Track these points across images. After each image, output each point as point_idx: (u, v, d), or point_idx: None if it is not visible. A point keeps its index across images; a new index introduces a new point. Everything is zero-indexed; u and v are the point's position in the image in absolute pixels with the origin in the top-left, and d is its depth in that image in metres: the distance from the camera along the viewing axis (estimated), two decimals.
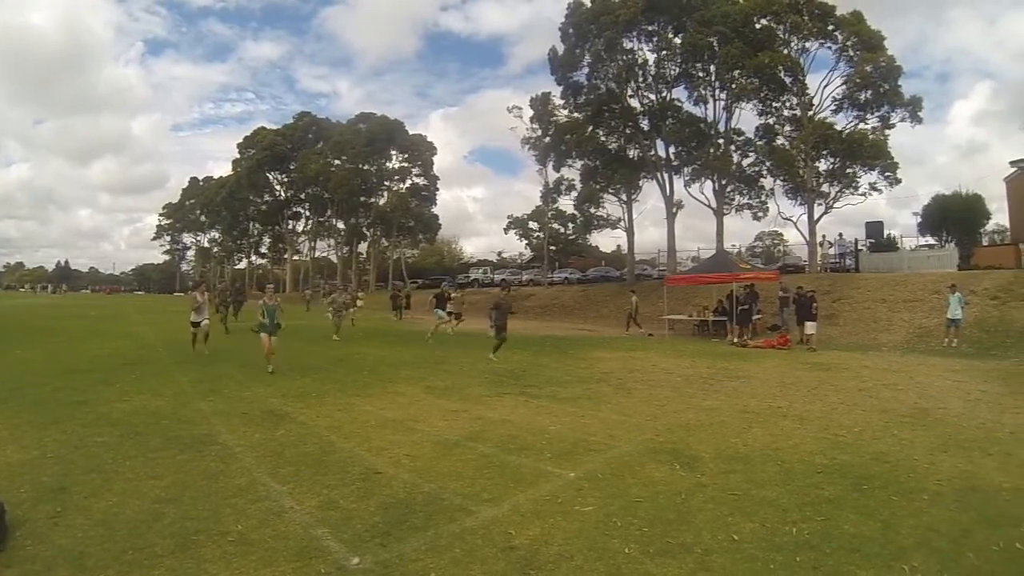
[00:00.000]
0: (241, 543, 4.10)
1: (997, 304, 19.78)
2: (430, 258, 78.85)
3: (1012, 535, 4.27)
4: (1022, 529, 4.39)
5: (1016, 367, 13.58)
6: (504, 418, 8.20)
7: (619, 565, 3.82)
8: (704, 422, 7.99)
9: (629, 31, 34.93)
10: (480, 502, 4.92)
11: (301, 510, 4.72)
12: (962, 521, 4.57)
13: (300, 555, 3.94)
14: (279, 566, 3.81)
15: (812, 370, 13.04)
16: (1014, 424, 7.94)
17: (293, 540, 4.16)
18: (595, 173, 39.56)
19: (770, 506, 4.85)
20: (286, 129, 70.39)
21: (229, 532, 4.27)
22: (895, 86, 31.42)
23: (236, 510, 4.69)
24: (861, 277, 27.28)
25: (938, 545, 4.15)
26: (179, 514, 4.59)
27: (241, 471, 5.67)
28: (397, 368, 13.22)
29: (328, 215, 68.47)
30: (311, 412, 8.35)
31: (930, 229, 41.51)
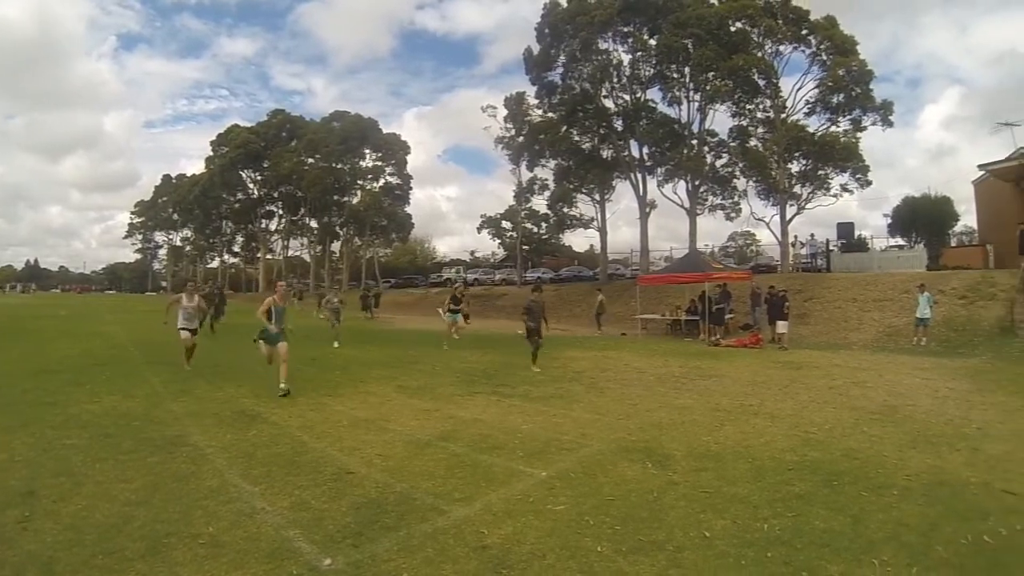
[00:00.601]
0: (212, 545, 4.03)
1: (965, 303, 20.11)
2: (403, 257, 78.61)
3: (980, 528, 4.33)
4: (989, 522, 4.45)
5: (983, 365, 13.79)
6: (476, 417, 8.17)
7: (591, 563, 3.80)
8: (676, 421, 7.99)
9: (604, 32, 35.04)
10: (452, 501, 4.88)
11: (273, 511, 4.65)
12: (931, 515, 4.61)
13: (272, 556, 3.88)
14: (250, 568, 3.75)
15: (783, 369, 13.15)
16: (981, 420, 8.05)
17: (265, 541, 4.09)
18: (568, 173, 39.76)
19: (741, 503, 4.86)
20: (260, 127, 69.41)
21: (200, 534, 4.19)
22: (867, 90, 31.94)
23: (207, 512, 4.61)
24: (832, 277, 27.60)
25: (907, 539, 4.18)
26: (149, 517, 4.49)
27: (212, 472, 5.59)
28: (369, 368, 13.16)
29: (301, 214, 67.75)
30: (283, 412, 8.24)
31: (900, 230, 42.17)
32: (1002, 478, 5.52)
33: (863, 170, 32.96)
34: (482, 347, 16.83)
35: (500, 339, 18.97)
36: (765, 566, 3.77)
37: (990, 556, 3.94)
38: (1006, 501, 4.94)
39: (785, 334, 18.62)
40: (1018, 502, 4.91)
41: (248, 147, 66.64)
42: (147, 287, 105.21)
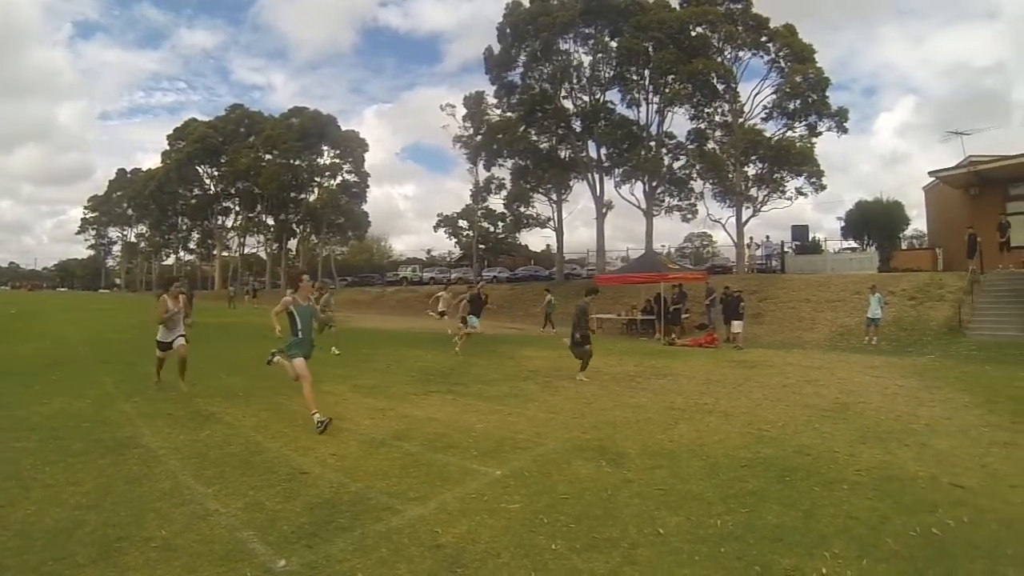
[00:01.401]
0: (165, 549, 3.91)
1: (914, 304, 20.60)
2: (359, 256, 78.17)
3: (928, 521, 4.41)
4: (937, 515, 4.53)
5: (931, 363, 14.08)
6: (431, 416, 8.08)
7: (546, 561, 3.77)
8: (631, 419, 7.98)
9: (566, 33, 35.18)
10: (406, 501, 4.81)
11: (226, 512, 4.53)
12: (880, 509, 4.68)
13: (225, 559, 3.77)
14: (204, 571, 3.64)
15: (738, 367, 13.26)
16: (929, 416, 8.21)
17: (218, 544, 3.98)
18: (526, 172, 39.85)
19: (695, 500, 4.87)
20: (218, 121, 68.32)
21: (152, 538, 4.06)
22: (823, 97, 32.64)
23: (160, 515, 4.47)
24: (787, 278, 28.01)
25: (858, 532, 4.23)
26: (101, 521, 4.32)
27: (165, 474, 5.43)
28: (323, 366, 12.82)
29: (258, 211, 66.85)
30: (237, 412, 8.08)
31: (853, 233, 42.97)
32: (949, 472, 5.63)
33: (818, 174, 33.70)
34: (438, 346, 16.69)
35: (433, 339, 18.78)
36: (719, 561, 3.77)
37: (938, 547, 4.00)
38: (953, 494, 5.03)
39: (740, 333, 18.88)
40: (965, 495, 5.00)
41: (205, 142, 65.59)
42: (100, 284, 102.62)
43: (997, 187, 24.06)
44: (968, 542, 4.08)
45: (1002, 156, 23.85)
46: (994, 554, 3.90)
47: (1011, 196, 23.67)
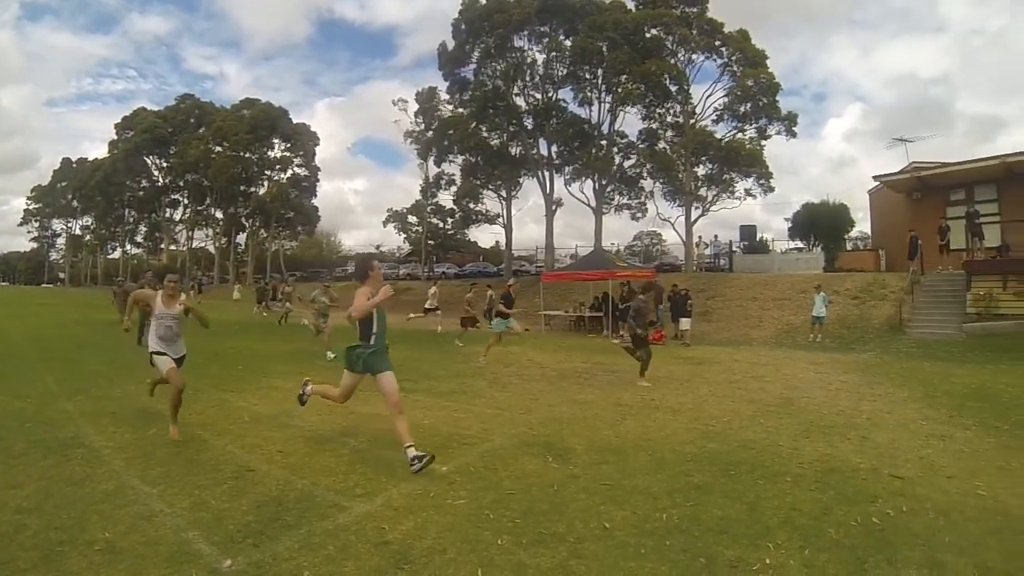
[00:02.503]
0: (108, 551, 3.76)
1: (858, 303, 21.11)
2: (309, 251, 77.17)
3: (869, 511, 4.48)
4: (878, 505, 4.62)
5: (873, 359, 14.40)
6: (378, 412, 7.87)
7: (492, 557, 3.73)
8: (578, 415, 7.96)
9: (521, 30, 35.41)
10: (353, 497, 4.74)
11: (172, 512, 4.40)
12: (823, 500, 4.74)
13: (171, 560, 3.65)
14: (148, 573, 3.52)
15: (685, 364, 13.39)
16: (870, 410, 8.37)
17: (163, 545, 3.86)
18: (476, 169, 40.07)
19: (641, 494, 4.86)
20: (168, 111, 66.58)
21: (96, 540, 3.90)
22: (773, 101, 33.39)
23: (103, 516, 4.30)
24: (734, 277, 28.44)
25: (800, 523, 4.27)
26: (42, 524, 4.15)
27: (109, 474, 5.24)
28: (272, 362, 12.75)
29: (207, 204, 65.54)
30: (183, 409, 7.63)
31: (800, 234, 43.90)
32: (889, 464, 5.74)
33: (766, 176, 34.42)
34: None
35: (403, 334, 18.65)
36: (664, 554, 3.77)
37: (879, 536, 4.07)
38: (893, 485, 5.12)
39: (688, 331, 19.11)
40: (904, 485, 5.10)
41: (154, 132, 63.89)
42: (43, 279, 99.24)
43: (938, 193, 24.85)
44: (907, 530, 4.16)
45: (944, 163, 24.78)
46: (932, 541, 3.98)
47: (951, 201, 24.44)
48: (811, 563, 3.67)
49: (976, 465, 5.75)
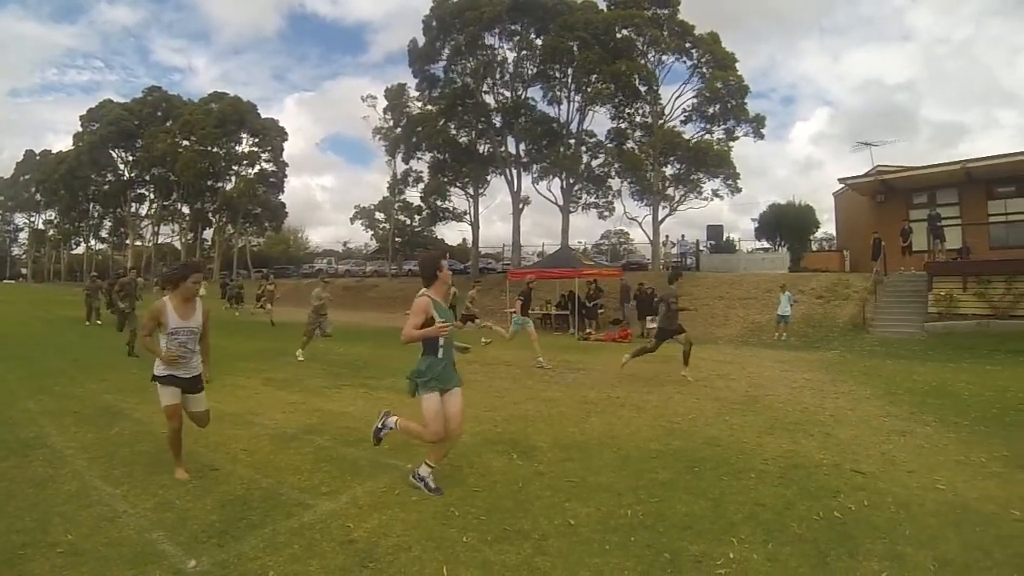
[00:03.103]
0: (71, 554, 3.68)
1: (822, 303, 21.38)
2: (276, 247, 76.42)
3: (831, 505, 4.56)
4: (839, 499, 4.68)
5: (837, 358, 14.60)
6: (343, 410, 7.96)
7: (457, 554, 3.73)
8: (543, 413, 7.95)
9: (492, 28, 35.34)
10: (318, 496, 4.72)
11: (135, 513, 4.33)
12: (786, 495, 4.79)
13: (134, 562, 3.58)
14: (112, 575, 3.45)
15: (651, 362, 13.37)
16: (833, 408, 8.47)
17: (127, 546, 3.78)
18: (444, 166, 39.89)
19: (606, 491, 4.88)
20: (134, 104, 65.21)
21: (58, 543, 3.82)
22: (742, 103, 33.67)
23: (66, 518, 4.21)
24: (701, 276, 28.59)
25: (764, 518, 4.32)
26: (3, 527, 4.05)
27: (72, 475, 5.15)
28: (236, 360, 12.57)
29: (173, 199, 64.49)
30: (147, 408, 7.63)
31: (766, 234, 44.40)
32: (851, 459, 5.81)
33: (734, 176, 34.70)
34: (351, 339, 16.39)
35: (368, 331, 18.51)
36: (629, 549, 3.79)
37: (840, 529, 4.13)
38: (855, 480, 5.19)
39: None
40: (866, 480, 5.18)
41: (120, 125, 62.56)
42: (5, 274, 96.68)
43: (901, 196, 25.36)
44: (868, 524, 4.22)
45: (907, 167, 25.31)
46: (892, 534, 4.04)
47: (914, 204, 24.96)
48: (774, 557, 3.71)
49: (936, 460, 5.85)
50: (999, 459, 5.88)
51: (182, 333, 5.03)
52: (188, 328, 5.06)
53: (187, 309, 5.05)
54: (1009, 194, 22.81)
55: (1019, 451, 6.09)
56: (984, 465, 5.68)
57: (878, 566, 3.59)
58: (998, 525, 4.23)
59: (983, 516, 4.39)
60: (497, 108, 37.10)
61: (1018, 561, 3.67)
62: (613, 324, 22.51)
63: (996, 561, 3.67)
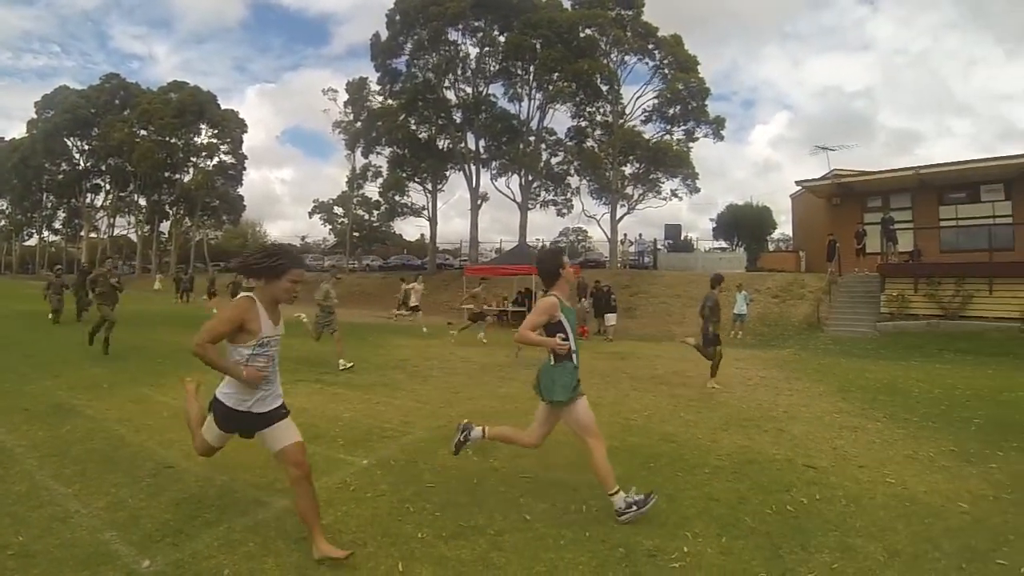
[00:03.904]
0: (22, 556, 3.54)
1: (778, 302, 21.82)
2: (234, 241, 75.32)
3: (783, 499, 4.61)
4: (792, 493, 4.75)
5: (791, 356, 14.86)
6: (299, 406, 7.64)
7: (412, 550, 3.68)
8: (499, 409, 7.94)
9: (455, 24, 35.36)
10: (273, 493, 4.62)
11: (88, 513, 4.17)
12: (739, 490, 4.83)
13: (87, 563, 3.45)
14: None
15: (608, 359, 13.50)
16: (787, 404, 8.61)
17: (79, 547, 3.64)
18: (403, 161, 39.71)
19: (561, 487, 4.87)
20: (91, 91, 63.00)
21: (8, 545, 3.66)
22: (702, 105, 34.24)
23: (16, 519, 4.04)
24: (658, 274, 29.00)
25: (718, 512, 4.35)
26: None
27: (22, 475, 4.94)
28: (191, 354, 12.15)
29: (130, 190, 62.61)
30: (101, 405, 7.50)
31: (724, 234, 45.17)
32: (804, 454, 5.89)
33: (693, 177, 35.20)
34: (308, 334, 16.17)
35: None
36: (584, 545, 3.78)
37: (793, 523, 4.18)
38: (807, 475, 5.26)
39: (613, 326, 19.36)
40: (818, 475, 5.25)
41: (76, 112, 60.47)
42: None
43: (856, 199, 26.01)
44: (820, 517, 4.27)
45: (863, 171, 25.99)
46: (843, 527, 4.10)
47: (868, 207, 25.61)
48: (728, 550, 3.72)
49: (886, 455, 5.96)
50: (947, 454, 6.01)
51: (273, 344, 3.80)
52: (278, 337, 3.86)
53: (276, 312, 3.84)
54: (960, 200, 23.59)
55: (966, 446, 6.23)
56: (932, 460, 5.80)
57: (829, 558, 3.63)
58: (946, 517, 4.32)
59: (931, 509, 4.48)
60: (458, 104, 37.16)
61: (965, 552, 3.74)
62: None
63: (944, 552, 3.73)
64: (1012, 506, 4.58)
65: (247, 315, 3.63)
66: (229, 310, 3.71)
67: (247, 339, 3.65)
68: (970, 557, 3.67)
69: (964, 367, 12.72)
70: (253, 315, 3.66)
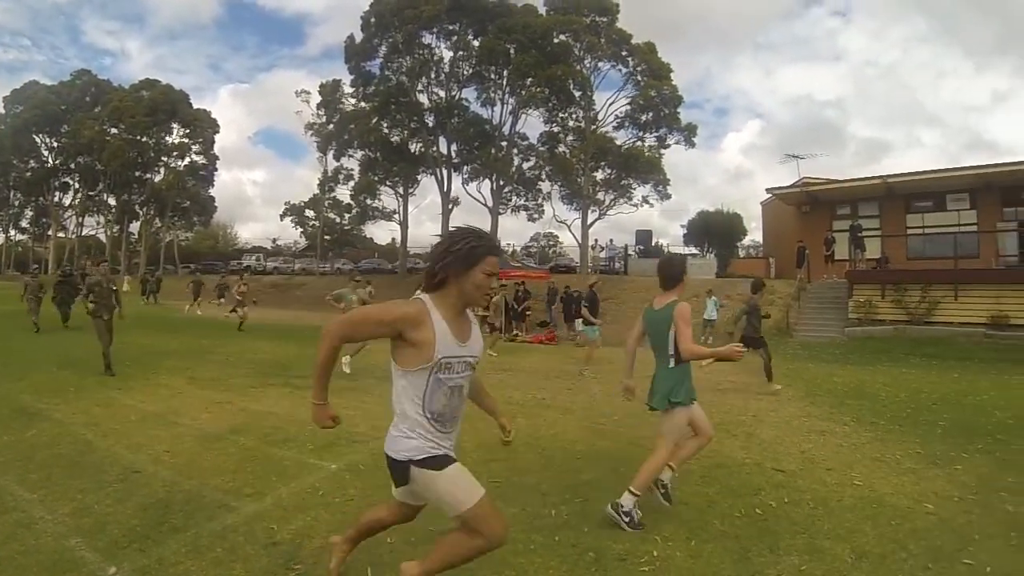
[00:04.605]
0: None
1: None
2: (204, 242, 74.18)
3: (752, 502, 4.66)
4: (760, 496, 4.80)
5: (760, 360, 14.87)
6: (268, 410, 7.79)
7: (382, 555, 3.66)
8: (468, 413, 7.61)
9: (430, 27, 35.41)
10: (242, 497, 4.60)
11: (53, 519, 4.11)
12: (708, 493, 4.88)
13: (52, 569, 3.41)
14: None
15: (578, 364, 13.47)
16: (756, 409, 8.68)
17: (44, 554, 3.59)
18: (375, 164, 39.75)
19: (531, 491, 4.87)
20: (62, 87, 61.50)
21: None
22: (674, 112, 34.57)
23: None
24: (629, 279, 29.16)
25: (687, 516, 4.38)
26: None
27: None
28: (161, 358, 12.18)
29: (99, 189, 61.14)
30: (67, 408, 7.42)
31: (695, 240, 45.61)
32: (772, 458, 5.95)
33: (664, 183, 35.44)
34: (278, 337, 16.00)
35: (296, 329, 18.10)
36: (554, 549, 3.79)
37: (761, 526, 4.22)
38: (776, 478, 5.31)
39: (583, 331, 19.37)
40: (786, 478, 5.30)
41: (46, 108, 58.92)
42: None
43: (825, 207, 26.42)
44: (788, 520, 4.32)
45: (832, 180, 26.46)
46: (811, 529, 4.15)
47: (837, 215, 26.07)
48: (697, 553, 3.74)
49: (853, 458, 6.03)
50: (913, 456, 6.08)
51: (458, 367, 2.72)
52: (466, 359, 2.78)
53: (463, 324, 2.78)
54: (926, 208, 24.11)
55: (932, 449, 6.30)
56: (899, 462, 5.87)
57: (798, 560, 3.66)
58: (912, 519, 4.37)
59: (898, 510, 4.54)
60: (431, 108, 37.15)
61: (931, 552, 3.79)
62: (540, 326, 22.72)
63: (910, 553, 3.78)
64: (977, 507, 4.64)
65: (410, 323, 2.57)
66: (390, 305, 2.66)
67: (415, 360, 2.61)
68: (936, 557, 3.72)
69: (930, 371, 12.90)
70: (423, 325, 2.57)
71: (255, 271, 46.58)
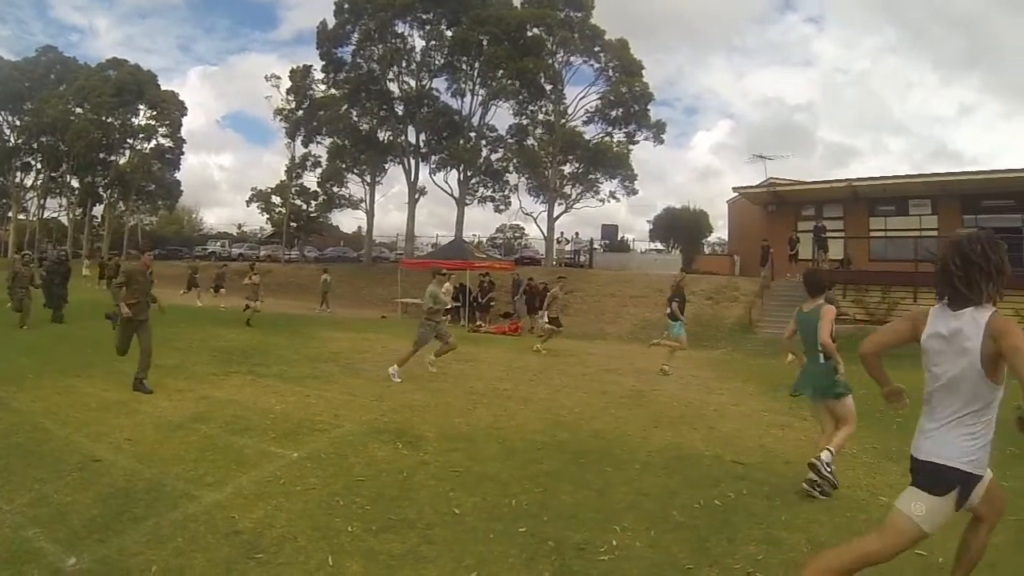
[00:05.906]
0: None
1: (712, 304, 22.29)
2: (169, 227, 72.56)
3: (711, 494, 4.69)
4: (720, 488, 4.83)
5: (724, 356, 15.23)
6: (230, 398, 7.68)
7: (342, 543, 3.67)
8: (430, 403, 7.87)
9: (403, 16, 35.03)
10: (203, 486, 4.55)
11: (10, 510, 4.01)
12: (669, 485, 4.90)
13: (10, 561, 3.33)
14: None
15: (540, 356, 13.50)
16: (717, 403, 8.76)
17: (2, 545, 3.52)
18: (343, 152, 39.38)
19: (491, 481, 4.88)
20: (26, 63, 58.40)
21: None
22: (645, 109, 34.71)
23: None
24: (593, 273, 29.34)
25: (647, 507, 4.41)
26: None
27: None
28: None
29: (63, 170, 59.01)
30: (26, 397, 7.20)
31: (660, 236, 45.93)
32: (733, 451, 5.99)
33: (631, 178, 35.72)
34: (240, 325, 15.76)
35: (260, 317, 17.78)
36: (513, 538, 3.81)
37: (720, 516, 4.27)
38: (735, 470, 5.36)
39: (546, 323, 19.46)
40: (745, 471, 5.35)
41: (9, 85, 56.12)
42: None
43: (791, 207, 26.85)
44: (747, 511, 4.37)
45: (798, 181, 26.98)
46: (768, 520, 4.19)
47: (802, 216, 26.53)
48: (656, 543, 3.77)
49: (811, 452, 6.00)
50: (869, 450, 6.20)
51: None
52: None
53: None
54: (889, 212, 24.70)
55: (887, 444, 6.39)
56: (855, 456, 5.96)
57: (755, 549, 3.70)
58: (867, 510, 4.45)
59: (854, 502, 4.63)
60: (401, 97, 36.88)
61: None
62: (504, 317, 22.73)
63: None
64: None
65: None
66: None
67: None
68: None
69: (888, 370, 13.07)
70: None
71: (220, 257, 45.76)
